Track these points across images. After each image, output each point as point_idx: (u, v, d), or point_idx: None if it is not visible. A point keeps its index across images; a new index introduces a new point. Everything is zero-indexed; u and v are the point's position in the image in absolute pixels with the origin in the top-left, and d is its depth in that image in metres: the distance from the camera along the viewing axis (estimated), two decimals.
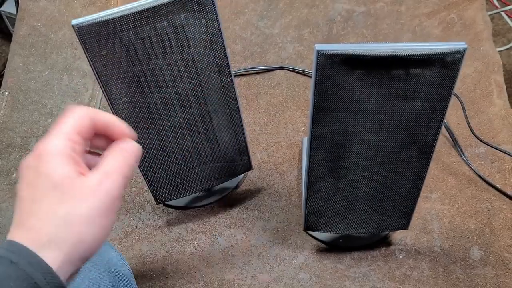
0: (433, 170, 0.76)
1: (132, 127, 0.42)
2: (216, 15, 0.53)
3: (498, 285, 0.66)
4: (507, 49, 1.43)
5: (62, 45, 0.91)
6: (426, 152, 0.55)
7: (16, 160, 0.80)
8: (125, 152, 0.40)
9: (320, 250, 0.70)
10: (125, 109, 0.55)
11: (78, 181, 0.36)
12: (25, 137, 0.82)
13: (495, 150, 0.77)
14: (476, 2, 0.93)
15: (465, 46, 0.46)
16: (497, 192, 0.74)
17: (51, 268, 0.32)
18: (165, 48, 0.53)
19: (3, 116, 0.84)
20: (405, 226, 0.65)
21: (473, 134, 0.78)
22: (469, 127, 0.79)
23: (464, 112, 0.80)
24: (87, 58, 0.49)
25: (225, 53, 0.57)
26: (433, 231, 0.71)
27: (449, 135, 0.79)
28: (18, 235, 0.33)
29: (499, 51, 1.28)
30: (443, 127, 0.71)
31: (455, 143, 0.78)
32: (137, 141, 0.41)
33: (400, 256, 0.69)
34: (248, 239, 0.71)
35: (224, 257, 0.70)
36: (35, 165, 0.36)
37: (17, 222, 0.34)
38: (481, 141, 0.77)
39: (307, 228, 0.66)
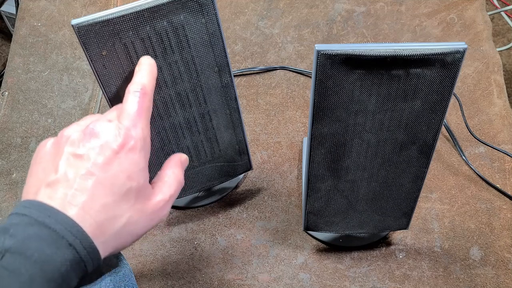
0: (433, 170, 0.76)
1: None
2: (216, 15, 0.53)
3: (498, 285, 0.66)
4: (507, 49, 1.43)
5: (62, 45, 0.92)
6: (426, 152, 0.55)
7: (16, 160, 0.80)
8: (182, 173, 0.43)
9: (320, 250, 0.70)
10: None
11: (147, 195, 0.38)
12: (25, 137, 0.82)
13: (495, 150, 0.77)
14: (476, 2, 0.93)
15: (465, 46, 0.46)
16: (497, 192, 0.74)
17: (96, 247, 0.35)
18: (165, 48, 0.53)
19: (3, 116, 0.84)
20: (405, 226, 0.65)
21: (471, 134, 0.78)
22: (467, 127, 0.79)
23: (462, 112, 0.80)
24: (87, 58, 0.49)
25: (225, 53, 0.57)
26: (433, 231, 0.71)
27: (449, 135, 0.79)
28: (73, 213, 0.35)
29: (499, 51, 1.28)
30: (443, 127, 0.71)
31: (455, 143, 0.78)
32: None
33: (400, 256, 0.69)
34: (248, 239, 0.71)
35: (224, 257, 0.70)
36: (119, 155, 0.37)
37: (77, 200, 0.35)
38: (480, 141, 0.77)
39: (307, 228, 0.66)
